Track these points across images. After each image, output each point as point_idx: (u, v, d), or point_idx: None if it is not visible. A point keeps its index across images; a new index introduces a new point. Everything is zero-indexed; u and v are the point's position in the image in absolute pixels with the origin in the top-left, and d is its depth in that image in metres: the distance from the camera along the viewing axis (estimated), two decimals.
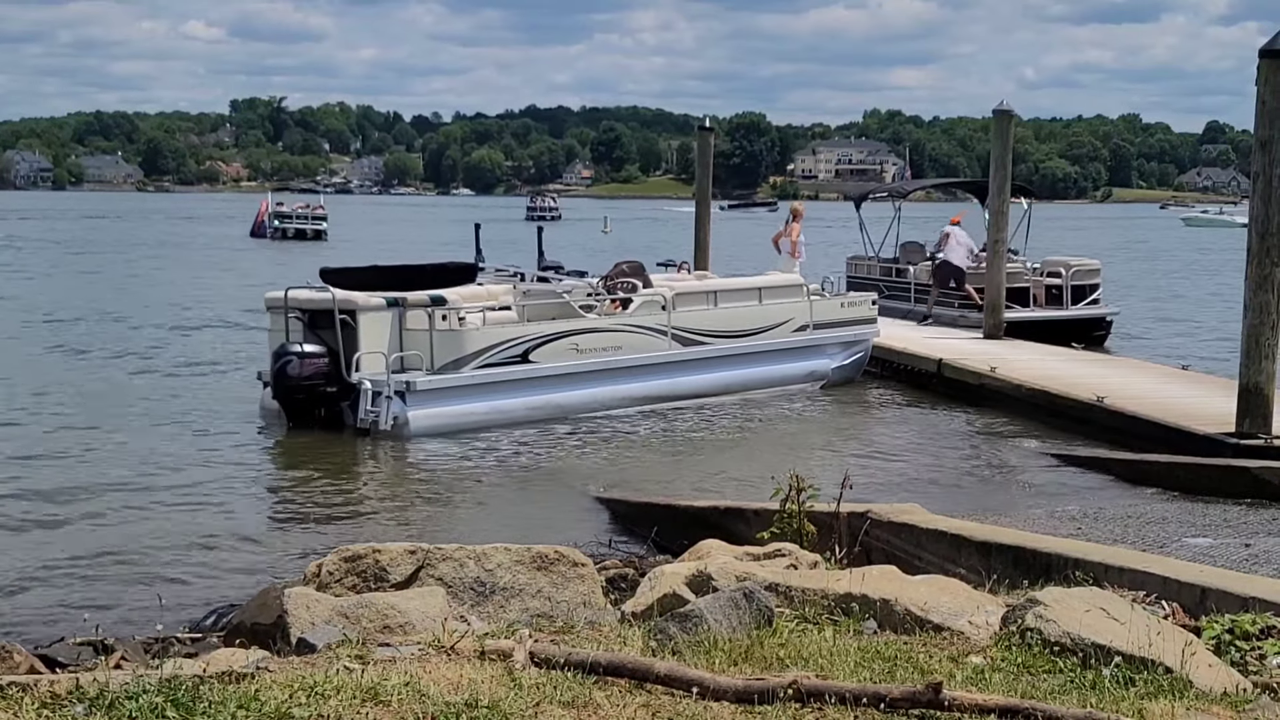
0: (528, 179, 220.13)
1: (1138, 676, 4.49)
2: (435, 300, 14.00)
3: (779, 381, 16.92)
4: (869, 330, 18.06)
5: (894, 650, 4.81)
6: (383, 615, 5.22)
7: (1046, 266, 22.78)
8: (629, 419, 14.89)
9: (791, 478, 7.59)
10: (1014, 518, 9.24)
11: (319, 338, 13.74)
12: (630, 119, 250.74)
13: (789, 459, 11.32)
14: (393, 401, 13.38)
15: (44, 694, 3.90)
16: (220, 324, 24.98)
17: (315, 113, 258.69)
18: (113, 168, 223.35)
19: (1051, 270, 22.55)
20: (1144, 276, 42.04)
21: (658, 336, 15.61)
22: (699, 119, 27.13)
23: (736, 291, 16.95)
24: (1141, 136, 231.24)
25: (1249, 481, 10.60)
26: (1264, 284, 11.41)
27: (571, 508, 10.98)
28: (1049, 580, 6.28)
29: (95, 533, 9.87)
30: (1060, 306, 22.14)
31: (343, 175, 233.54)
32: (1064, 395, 14.53)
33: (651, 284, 16.33)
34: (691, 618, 4.87)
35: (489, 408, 14.06)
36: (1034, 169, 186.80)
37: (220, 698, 3.86)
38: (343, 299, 13.73)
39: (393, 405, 13.37)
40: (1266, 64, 11.27)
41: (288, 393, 13.62)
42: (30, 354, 20.21)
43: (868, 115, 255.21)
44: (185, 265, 44.51)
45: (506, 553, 6.23)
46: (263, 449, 13.56)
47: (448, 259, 16.68)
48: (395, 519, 10.62)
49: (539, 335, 14.53)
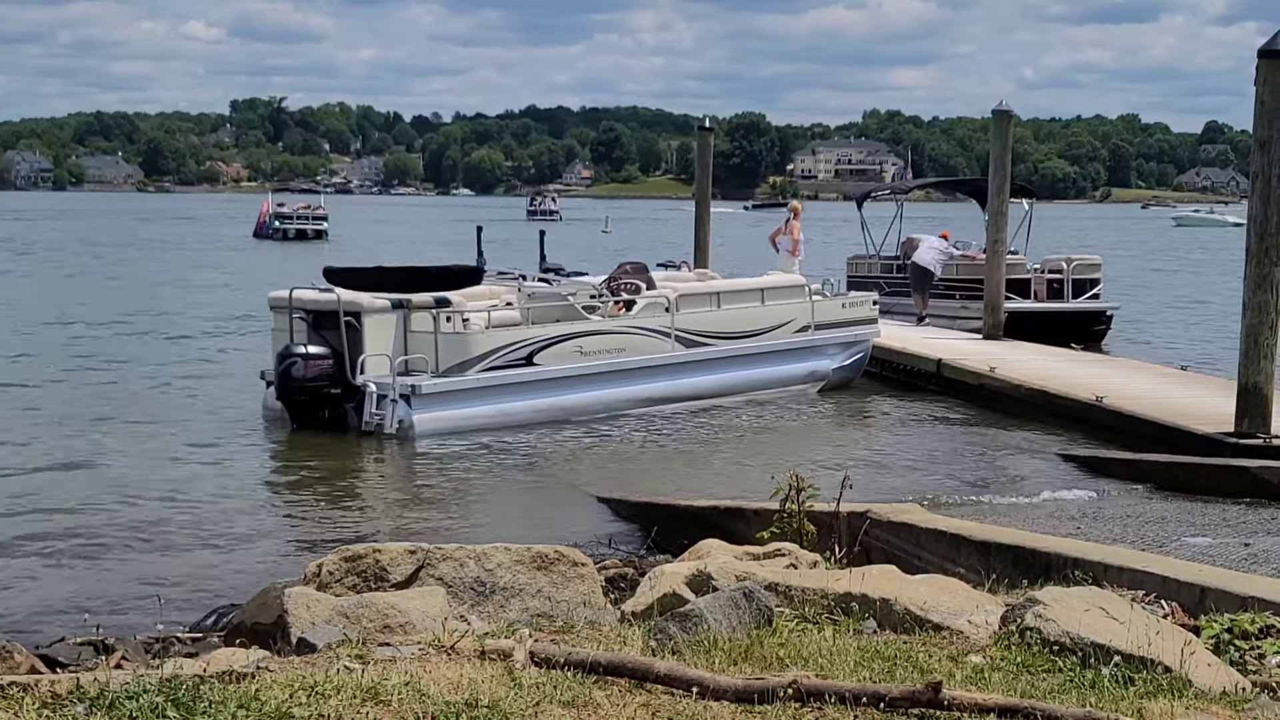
0: (528, 179, 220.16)
1: (1137, 676, 4.49)
2: (440, 302, 13.95)
3: (780, 383, 16.91)
4: (869, 331, 18.06)
5: (894, 650, 4.82)
6: (383, 615, 5.23)
7: (1047, 264, 22.86)
8: (628, 420, 14.89)
9: (791, 478, 7.60)
10: (1013, 517, 9.24)
11: (323, 338, 13.68)
12: (630, 119, 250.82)
13: (789, 459, 11.32)
14: (398, 405, 13.33)
15: (44, 694, 3.90)
16: (223, 324, 24.93)
17: (315, 113, 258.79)
18: (113, 168, 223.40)
19: (1053, 266, 22.63)
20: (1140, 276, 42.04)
21: (661, 338, 15.60)
22: (699, 119, 27.14)
23: (739, 293, 16.95)
24: (1140, 137, 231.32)
25: (1248, 481, 10.60)
26: (1263, 283, 11.41)
27: (571, 508, 10.98)
28: (1048, 580, 6.29)
29: (96, 533, 9.86)
30: (1061, 300, 22.22)
31: (343, 175, 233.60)
32: (1063, 395, 14.54)
33: (655, 285, 16.32)
34: (691, 617, 4.88)
35: (494, 410, 14.02)
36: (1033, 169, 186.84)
37: (221, 697, 3.86)
38: (348, 300, 13.66)
39: (398, 409, 13.32)
40: (1265, 64, 11.27)
41: (292, 394, 13.57)
42: (31, 354, 20.19)
43: (867, 115, 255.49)
44: (187, 266, 44.53)
45: (506, 552, 6.23)
46: (264, 449, 13.55)
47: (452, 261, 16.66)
48: (395, 519, 10.62)
49: (544, 338, 14.49)
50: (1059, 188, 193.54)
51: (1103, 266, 23.22)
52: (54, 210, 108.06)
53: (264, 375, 14.49)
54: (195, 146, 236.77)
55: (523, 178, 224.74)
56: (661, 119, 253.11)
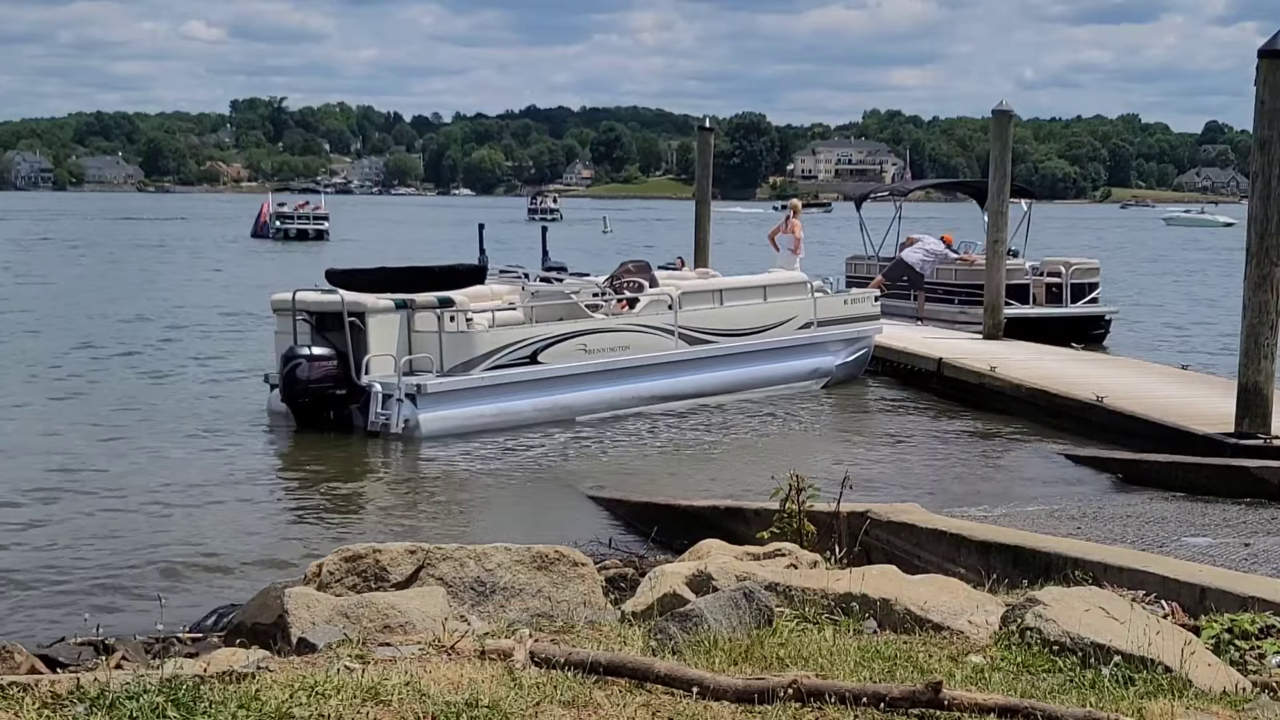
0: (528, 179, 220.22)
1: (1137, 676, 4.49)
2: (443, 302, 13.93)
3: (783, 380, 16.91)
4: (872, 327, 18.05)
5: (894, 650, 4.81)
6: (383, 615, 5.22)
7: (1046, 266, 22.87)
8: (628, 418, 14.89)
9: (791, 477, 7.59)
10: (1013, 517, 9.24)
11: (326, 340, 13.65)
12: (630, 119, 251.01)
13: (789, 458, 11.32)
14: (404, 404, 13.30)
15: (45, 694, 3.90)
16: (224, 325, 24.94)
17: (315, 113, 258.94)
18: (113, 168, 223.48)
19: (1051, 269, 22.64)
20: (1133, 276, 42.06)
21: (665, 336, 15.58)
22: (699, 119, 27.15)
23: (742, 289, 16.94)
24: (1141, 137, 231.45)
25: (1248, 481, 10.60)
26: (1263, 283, 11.41)
27: (572, 507, 10.98)
28: (1048, 579, 6.29)
29: (96, 533, 9.86)
30: (1060, 304, 22.22)
31: (343, 175, 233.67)
32: (1064, 395, 14.53)
33: (658, 283, 16.31)
34: (691, 617, 4.88)
35: (499, 409, 14.01)
36: (1033, 169, 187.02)
37: (221, 697, 3.86)
38: (351, 301, 13.61)
39: (404, 408, 13.30)
40: (1265, 64, 11.27)
41: (297, 395, 13.52)
42: (34, 355, 20.18)
43: (867, 115, 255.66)
44: (188, 266, 44.52)
45: (506, 552, 6.23)
46: (266, 451, 13.53)
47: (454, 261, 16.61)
48: (395, 519, 10.62)
49: (548, 336, 14.48)
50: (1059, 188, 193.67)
51: (1101, 270, 23.29)
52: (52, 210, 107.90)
53: (267, 378, 14.45)
54: (195, 147, 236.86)
55: (523, 178, 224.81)
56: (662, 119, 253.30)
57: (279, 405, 13.99)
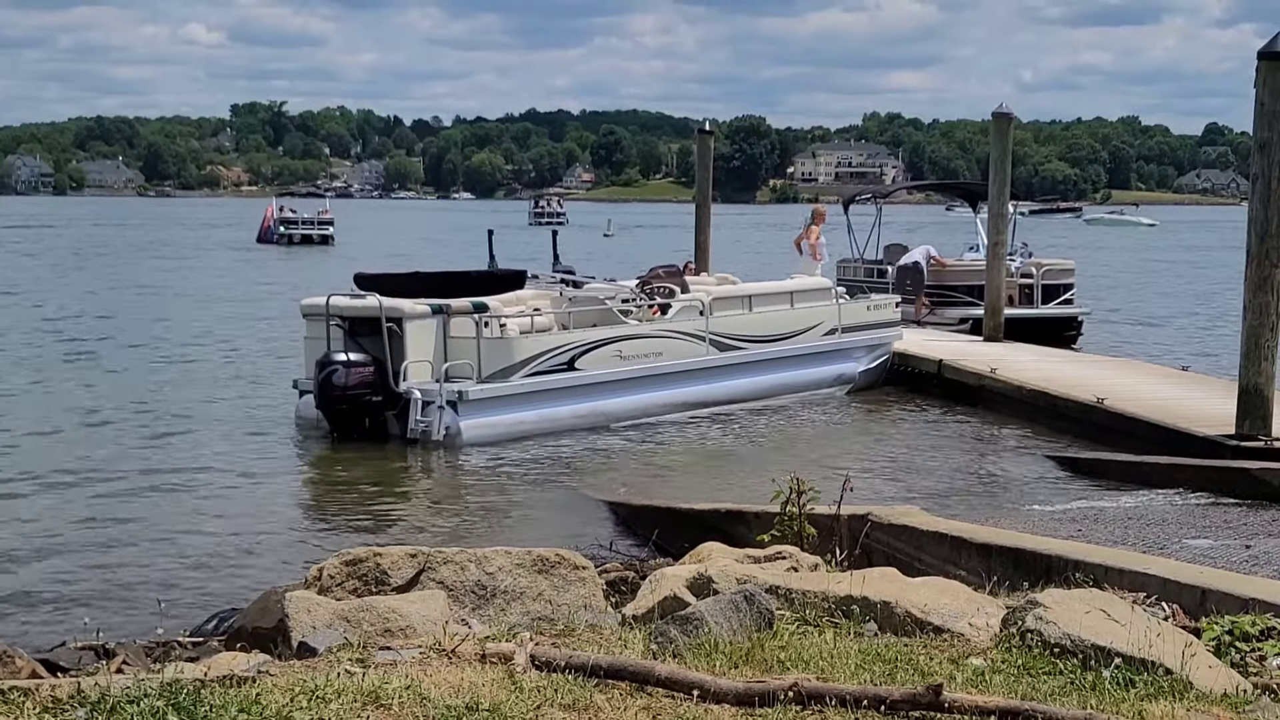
0: (528, 183, 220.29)
1: (1138, 678, 4.49)
2: (478, 307, 13.69)
3: (810, 386, 16.85)
4: (893, 333, 18.04)
5: (894, 652, 4.81)
6: (384, 619, 5.23)
7: (1019, 269, 22.92)
8: (633, 425, 14.80)
9: (792, 481, 7.59)
10: (1014, 519, 9.24)
11: (360, 345, 13.32)
12: (630, 122, 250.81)
13: (789, 462, 11.31)
14: (444, 411, 13.08)
15: (45, 698, 3.90)
16: (238, 331, 24.71)
17: (315, 117, 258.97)
18: (113, 173, 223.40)
19: (1024, 270, 22.70)
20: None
21: (697, 342, 15.49)
22: (699, 122, 27.16)
23: (770, 295, 16.89)
24: (1141, 139, 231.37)
25: (1249, 483, 10.59)
26: (1263, 285, 11.40)
27: (572, 511, 10.98)
28: (1049, 582, 6.28)
29: (97, 538, 9.87)
30: (1032, 305, 22.30)
31: (343, 179, 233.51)
32: (1064, 396, 14.53)
33: (688, 288, 16.22)
34: (692, 620, 4.88)
35: (538, 416, 13.83)
36: (1033, 171, 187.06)
37: (221, 701, 3.86)
38: (389, 306, 13.32)
39: (445, 415, 13.08)
40: (1265, 66, 11.27)
41: (333, 402, 13.21)
42: (49, 363, 19.98)
43: (867, 118, 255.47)
44: (196, 272, 44.26)
45: (507, 556, 6.23)
46: (294, 458, 13.37)
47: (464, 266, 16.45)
48: (395, 522, 10.62)
49: (584, 342, 14.35)
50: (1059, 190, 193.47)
51: (1075, 270, 23.44)
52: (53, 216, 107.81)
53: (296, 385, 14.24)
54: (195, 151, 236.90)
55: (523, 181, 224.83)
56: (662, 122, 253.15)
57: (310, 412, 13.71)
